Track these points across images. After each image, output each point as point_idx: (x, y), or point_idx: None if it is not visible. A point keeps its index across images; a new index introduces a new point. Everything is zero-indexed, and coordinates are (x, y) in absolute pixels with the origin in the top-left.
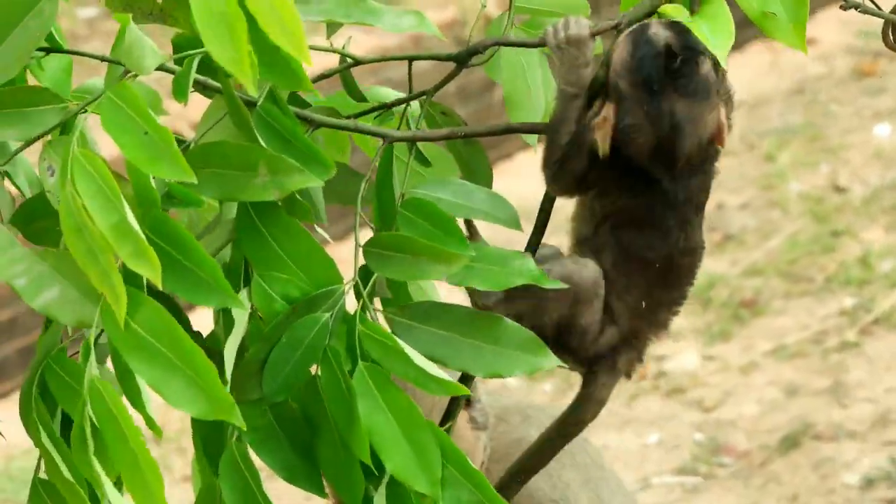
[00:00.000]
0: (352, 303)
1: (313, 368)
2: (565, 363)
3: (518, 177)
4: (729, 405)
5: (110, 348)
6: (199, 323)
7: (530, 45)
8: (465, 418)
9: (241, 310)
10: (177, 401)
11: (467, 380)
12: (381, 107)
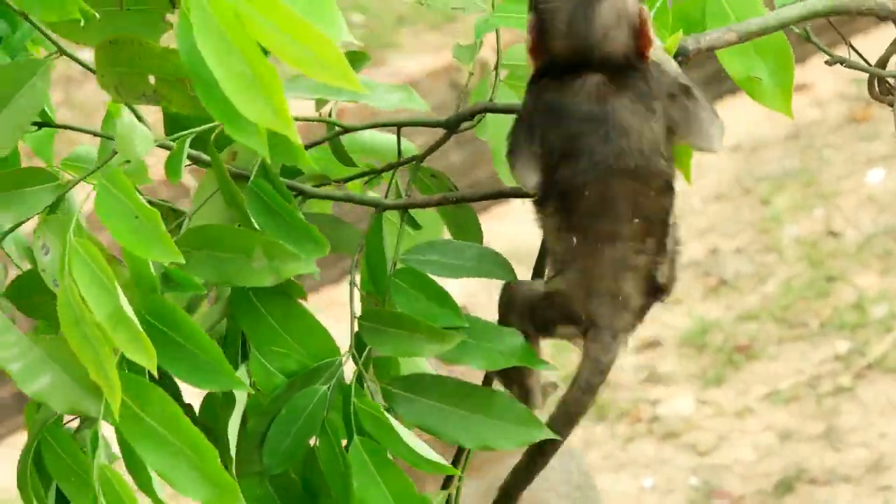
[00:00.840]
0: (348, 367)
1: (312, 440)
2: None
3: (510, 220)
4: (724, 449)
5: (118, 436)
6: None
7: (516, 112)
8: None
9: (242, 390)
10: (184, 488)
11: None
12: (371, 172)
